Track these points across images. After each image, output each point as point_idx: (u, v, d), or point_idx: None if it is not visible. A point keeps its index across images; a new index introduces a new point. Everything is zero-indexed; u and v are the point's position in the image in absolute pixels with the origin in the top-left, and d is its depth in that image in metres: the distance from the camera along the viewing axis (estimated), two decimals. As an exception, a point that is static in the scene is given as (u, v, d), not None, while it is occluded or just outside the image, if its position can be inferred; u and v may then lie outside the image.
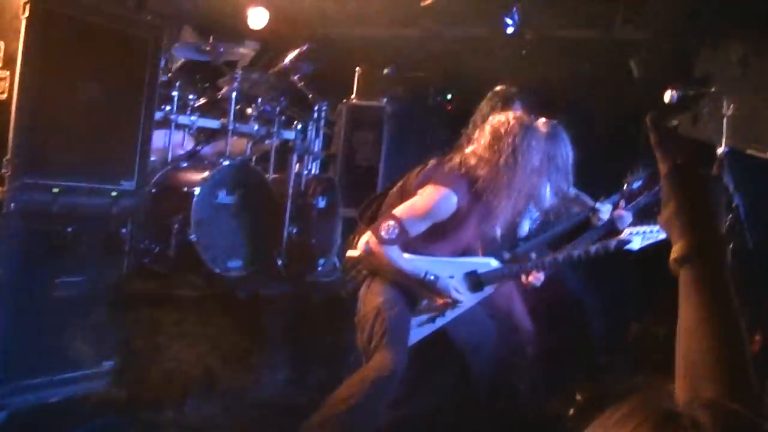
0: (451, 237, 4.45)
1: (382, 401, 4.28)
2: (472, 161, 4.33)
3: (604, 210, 5.13)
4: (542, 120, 4.86)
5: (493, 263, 4.59)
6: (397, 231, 4.19)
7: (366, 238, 4.30)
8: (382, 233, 4.21)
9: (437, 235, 4.41)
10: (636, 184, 5.26)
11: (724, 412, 1.03)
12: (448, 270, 4.42)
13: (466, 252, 4.66)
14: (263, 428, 5.36)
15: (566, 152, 4.81)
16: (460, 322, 4.62)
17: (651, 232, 4.84)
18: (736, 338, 1.39)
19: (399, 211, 4.28)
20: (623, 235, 4.84)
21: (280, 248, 6.94)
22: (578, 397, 5.81)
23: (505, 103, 5.12)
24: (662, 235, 4.80)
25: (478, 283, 4.54)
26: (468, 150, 4.44)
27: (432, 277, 4.31)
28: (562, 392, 6.04)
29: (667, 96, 5.16)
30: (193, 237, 6.20)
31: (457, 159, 4.42)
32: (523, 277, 4.66)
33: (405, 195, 4.44)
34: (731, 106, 5.27)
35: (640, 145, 8.29)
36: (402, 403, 4.79)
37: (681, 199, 1.57)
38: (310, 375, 6.25)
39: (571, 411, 5.87)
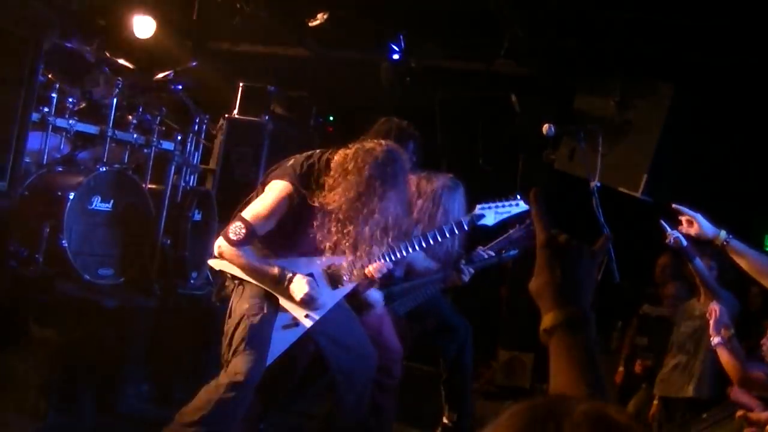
0: (301, 237, 4.44)
1: (236, 408, 4.26)
2: (330, 170, 4.36)
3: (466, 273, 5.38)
4: (448, 175, 5.14)
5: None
6: (244, 231, 4.25)
7: (218, 243, 4.34)
8: (231, 235, 4.27)
9: (287, 237, 4.43)
10: (511, 253, 5.49)
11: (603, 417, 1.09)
12: (306, 268, 4.44)
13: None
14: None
15: (458, 210, 5.09)
16: (340, 346, 4.65)
17: (503, 206, 5.03)
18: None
19: (245, 211, 4.34)
20: (476, 210, 5.01)
21: (152, 259, 6.85)
22: (445, 420, 5.94)
23: (400, 138, 5.18)
24: (515, 209, 4.99)
25: (334, 279, 4.55)
26: (331, 154, 4.46)
27: (289, 274, 4.33)
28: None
29: (545, 129, 5.31)
30: (64, 242, 6.07)
31: (306, 156, 4.49)
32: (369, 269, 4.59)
33: (256, 196, 4.48)
34: (604, 144, 5.46)
35: (517, 177, 8.55)
36: (259, 420, 4.82)
37: (552, 272, 1.64)
38: (175, 389, 6.19)
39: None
